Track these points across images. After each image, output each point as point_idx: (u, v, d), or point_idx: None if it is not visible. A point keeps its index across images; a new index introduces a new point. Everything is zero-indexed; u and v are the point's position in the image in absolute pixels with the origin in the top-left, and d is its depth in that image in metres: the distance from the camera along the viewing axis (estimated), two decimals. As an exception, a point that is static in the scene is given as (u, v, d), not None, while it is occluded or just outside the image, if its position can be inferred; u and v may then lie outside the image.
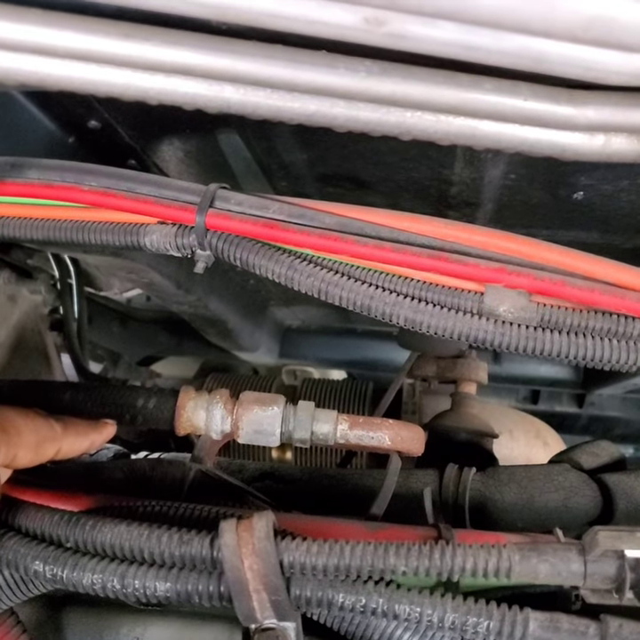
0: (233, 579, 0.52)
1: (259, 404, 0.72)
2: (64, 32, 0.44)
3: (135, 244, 0.67)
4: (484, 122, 0.45)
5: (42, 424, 0.63)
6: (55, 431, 0.64)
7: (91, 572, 0.54)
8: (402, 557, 0.51)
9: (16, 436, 0.58)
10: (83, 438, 0.69)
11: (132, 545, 0.54)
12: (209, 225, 0.65)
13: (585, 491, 0.97)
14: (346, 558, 0.51)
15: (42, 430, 0.62)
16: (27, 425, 0.60)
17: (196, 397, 0.73)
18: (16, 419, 0.59)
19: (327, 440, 0.73)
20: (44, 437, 0.62)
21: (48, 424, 0.64)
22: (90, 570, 0.55)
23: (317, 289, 0.65)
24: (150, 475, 0.85)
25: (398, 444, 0.75)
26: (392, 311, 0.63)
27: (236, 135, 0.98)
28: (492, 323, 0.60)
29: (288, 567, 0.52)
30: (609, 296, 0.58)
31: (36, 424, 0.62)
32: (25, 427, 0.60)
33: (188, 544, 0.54)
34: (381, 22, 0.36)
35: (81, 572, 0.55)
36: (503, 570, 0.50)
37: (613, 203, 0.98)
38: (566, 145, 0.46)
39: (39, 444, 0.61)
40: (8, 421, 0.58)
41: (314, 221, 0.66)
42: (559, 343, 0.59)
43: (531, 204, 1.02)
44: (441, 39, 0.37)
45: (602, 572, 0.50)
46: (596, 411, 2.41)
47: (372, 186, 1.05)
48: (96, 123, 0.95)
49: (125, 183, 0.68)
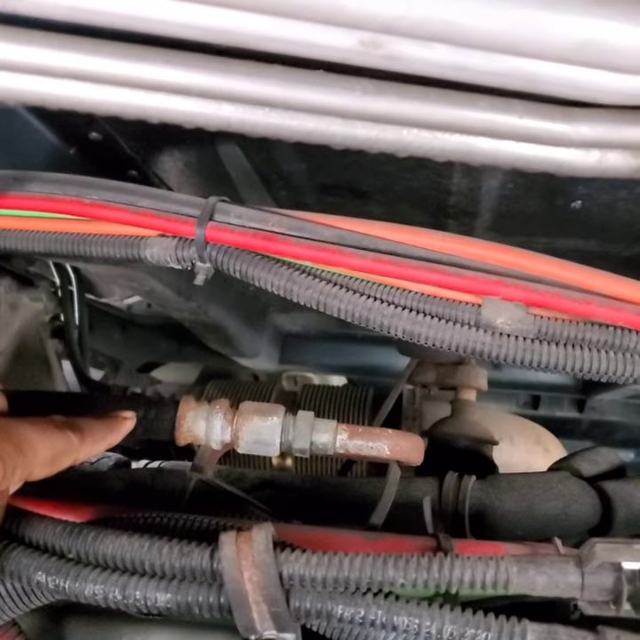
0: (233, 590, 0.52)
1: (258, 414, 0.73)
2: (64, 53, 0.44)
3: (136, 256, 0.68)
4: (479, 139, 0.46)
5: (58, 437, 0.60)
6: (72, 443, 0.61)
7: (92, 582, 0.55)
8: (400, 569, 0.52)
9: (32, 455, 0.56)
10: (100, 443, 0.66)
11: (134, 556, 0.55)
12: (209, 238, 0.65)
13: (584, 499, 0.97)
14: (345, 570, 0.52)
15: (58, 444, 0.60)
16: (43, 441, 0.57)
17: (196, 407, 0.73)
18: (32, 435, 0.57)
19: (326, 450, 0.73)
20: (61, 451, 0.60)
21: (65, 436, 0.61)
22: (92, 580, 0.55)
23: (316, 301, 0.65)
24: (151, 484, 0.85)
25: (397, 453, 0.75)
26: (390, 323, 0.63)
27: (235, 146, 0.99)
28: (489, 335, 0.61)
29: (287, 579, 0.52)
30: (605, 308, 0.58)
31: (53, 438, 0.59)
32: (41, 443, 0.57)
33: (189, 556, 0.54)
34: (377, 45, 0.37)
35: (83, 582, 0.55)
36: (501, 582, 0.51)
37: (611, 212, 0.99)
38: (562, 161, 0.47)
39: (55, 459, 0.59)
40: (24, 439, 0.56)
41: (313, 234, 0.67)
42: (556, 355, 0.59)
43: (529, 212, 1.03)
44: (434, 60, 0.38)
45: (599, 584, 0.51)
46: (596, 416, 2.41)
47: (370, 195, 1.06)
48: (97, 134, 0.95)
49: (126, 196, 0.68)
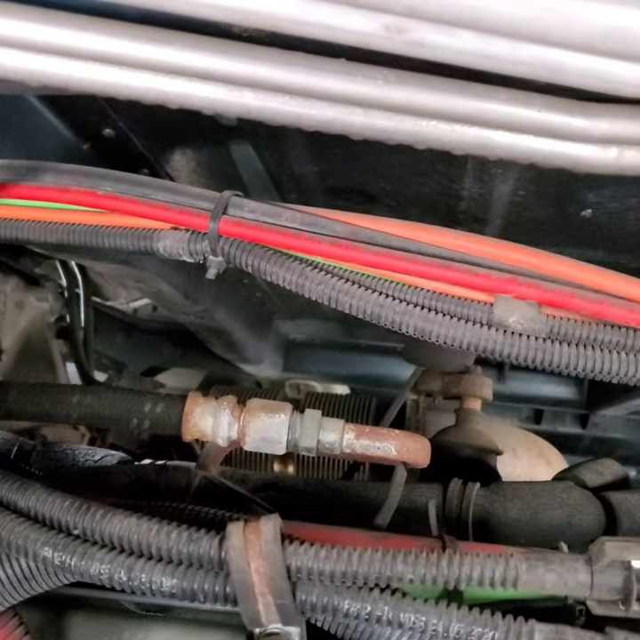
0: (239, 581, 0.52)
1: (266, 411, 0.73)
2: (87, 34, 0.45)
3: (149, 248, 0.68)
4: (497, 132, 0.46)
5: None
6: None
7: (99, 561, 0.55)
8: (409, 564, 0.51)
9: None
10: None
11: (141, 538, 0.55)
12: (222, 231, 0.65)
13: (589, 508, 0.97)
14: (354, 564, 0.51)
15: None
16: None
17: (204, 403, 0.73)
18: None
19: (333, 449, 0.73)
20: None
21: None
22: (98, 559, 0.55)
23: (328, 296, 0.65)
24: (155, 480, 0.85)
25: (404, 454, 0.75)
26: (402, 320, 0.63)
27: (248, 146, 1.00)
28: (501, 333, 0.61)
29: (295, 571, 0.52)
30: (618, 309, 0.58)
31: None
32: None
33: (197, 542, 0.54)
34: (401, 30, 0.37)
35: (89, 560, 0.55)
36: (510, 579, 0.50)
37: (621, 221, 0.99)
38: (579, 157, 0.47)
39: None
40: None
41: (325, 229, 0.67)
42: (568, 355, 0.59)
43: (539, 220, 1.03)
44: (459, 47, 0.38)
45: (608, 583, 0.50)
46: (599, 432, 2.40)
47: (381, 199, 1.06)
48: (111, 131, 0.96)
49: (140, 188, 0.69)
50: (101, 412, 0.79)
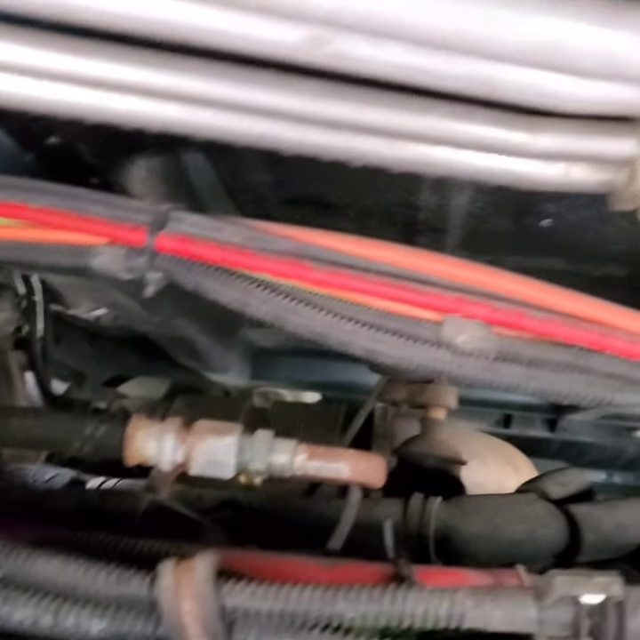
0: (171, 623, 0.49)
1: (213, 433, 0.70)
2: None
3: (84, 265, 0.64)
4: (437, 148, 0.44)
5: None
6: None
7: (22, 606, 0.51)
8: (351, 602, 0.49)
9: None
10: None
11: (67, 580, 0.51)
12: (159, 247, 0.62)
13: (551, 522, 0.96)
14: (292, 603, 0.49)
15: None
16: None
17: (147, 427, 0.70)
18: None
19: (284, 472, 0.70)
20: None
21: None
22: (22, 604, 0.51)
23: (273, 315, 0.63)
24: (101, 505, 0.82)
25: (357, 475, 0.73)
26: (350, 340, 0.61)
27: (201, 155, 0.97)
28: (449, 353, 0.58)
29: (231, 611, 0.49)
30: (568, 328, 0.56)
31: None
32: None
33: (127, 583, 0.51)
34: (324, 41, 0.34)
35: (12, 606, 0.51)
36: (455, 616, 0.48)
37: (580, 231, 0.98)
38: (522, 173, 0.45)
39: None
40: None
41: (271, 245, 0.64)
42: (518, 376, 0.57)
43: (498, 231, 1.02)
44: (385, 60, 0.36)
45: (557, 619, 0.48)
46: (568, 436, 2.41)
47: (339, 210, 1.04)
48: (56, 139, 0.92)
49: (75, 202, 0.65)
50: (42, 435, 0.75)
